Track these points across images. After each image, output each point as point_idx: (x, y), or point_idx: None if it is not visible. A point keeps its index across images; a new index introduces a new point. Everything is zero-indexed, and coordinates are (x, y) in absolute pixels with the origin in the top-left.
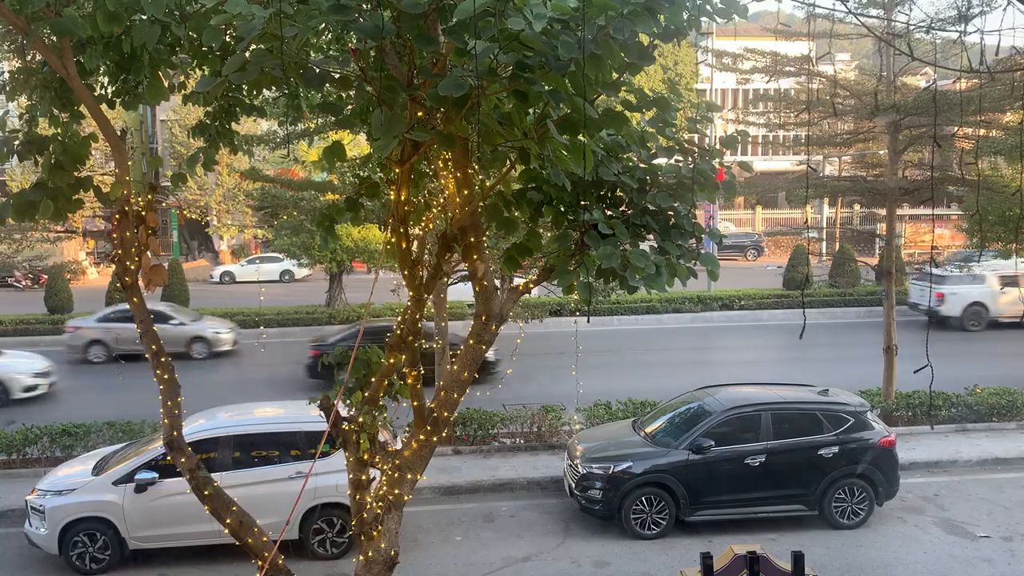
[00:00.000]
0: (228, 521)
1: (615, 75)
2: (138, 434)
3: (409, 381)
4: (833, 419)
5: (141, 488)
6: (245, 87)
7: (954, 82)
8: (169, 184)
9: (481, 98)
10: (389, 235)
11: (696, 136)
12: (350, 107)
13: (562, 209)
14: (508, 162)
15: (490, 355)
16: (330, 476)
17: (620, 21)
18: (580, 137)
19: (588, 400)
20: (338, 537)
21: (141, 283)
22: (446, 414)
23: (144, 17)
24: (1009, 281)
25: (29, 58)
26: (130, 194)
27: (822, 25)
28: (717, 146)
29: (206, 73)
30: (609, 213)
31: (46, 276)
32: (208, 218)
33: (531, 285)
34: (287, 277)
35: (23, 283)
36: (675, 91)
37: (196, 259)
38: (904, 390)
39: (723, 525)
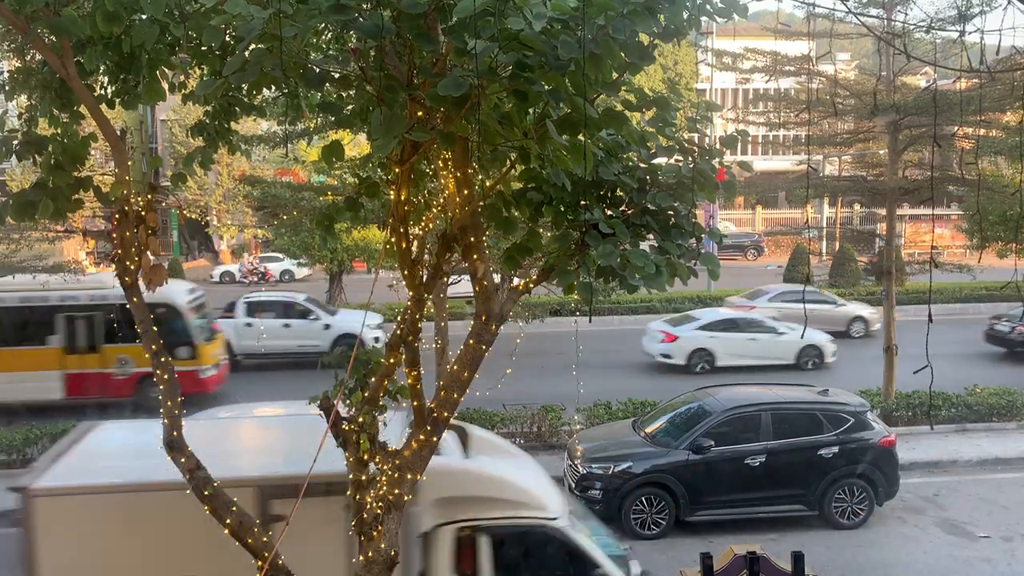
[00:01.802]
0: (228, 521)
1: (615, 75)
2: None
3: (409, 381)
4: (833, 419)
5: None
6: (245, 87)
7: (954, 82)
8: (169, 184)
9: (481, 98)
10: (389, 235)
11: (696, 136)
12: (350, 107)
13: (562, 209)
14: (508, 162)
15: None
16: None
17: (620, 21)
18: (580, 137)
19: (588, 400)
20: None
21: (141, 283)
22: (446, 414)
23: (144, 17)
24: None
25: (29, 58)
26: (130, 194)
27: (822, 25)
28: (717, 146)
29: (205, 73)
30: (609, 213)
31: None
32: (208, 218)
33: (531, 285)
34: (287, 277)
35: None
36: (675, 91)
37: (196, 259)
38: (904, 390)
39: (723, 525)
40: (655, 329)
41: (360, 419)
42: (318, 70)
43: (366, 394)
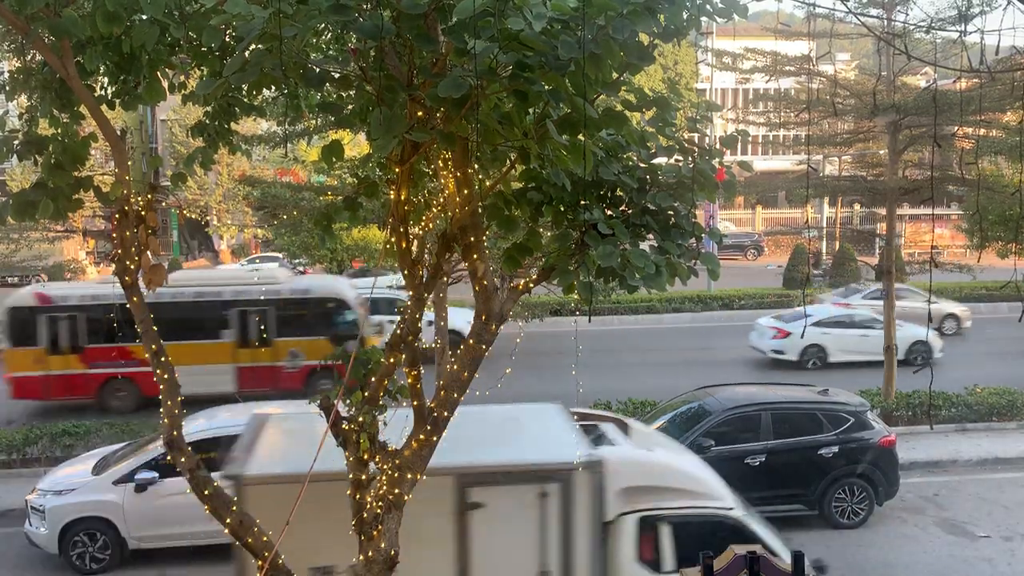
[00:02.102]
0: (228, 521)
1: (615, 75)
2: (138, 434)
3: (409, 381)
4: (833, 419)
5: (141, 488)
6: (245, 87)
7: (954, 82)
8: (169, 184)
9: (481, 98)
10: (389, 235)
11: (696, 136)
12: (350, 107)
13: (562, 209)
14: (508, 162)
15: None
16: None
17: (620, 21)
18: (580, 137)
19: (588, 400)
20: None
21: (141, 283)
22: (446, 414)
23: (144, 17)
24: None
25: (29, 58)
26: (130, 194)
27: (822, 25)
28: (717, 146)
29: (205, 73)
30: (609, 213)
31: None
32: (208, 218)
33: (531, 285)
34: None
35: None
36: (675, 91)
37: (196, 259)
38: (904, 390)
39: None
40: (766, 325)
41: (360, 419)
42: (318, 70)
43: (366, 394)
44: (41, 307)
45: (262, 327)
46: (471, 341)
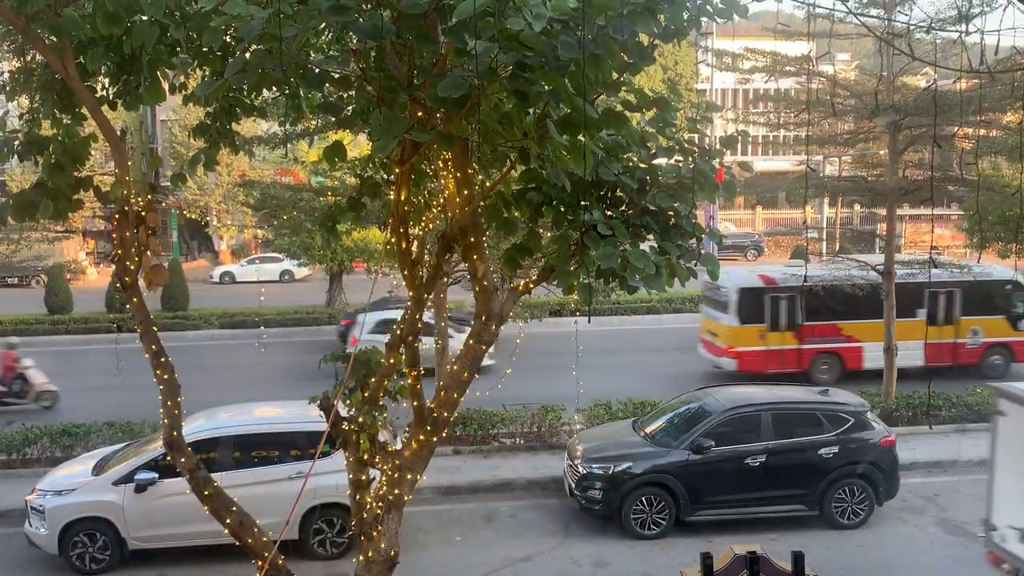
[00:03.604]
0: (228, 521)
1: (615, 75)
2: (138, 434)
3: (409, 381)
4: (833, 419)
5: (141, 488)
6: (245, 88)
7: (954, 82)
8: (169, 184)
9: (481, 98)
10: (389, 235)
11: (696, 136)
12: (350, 107)
13: (562, 209)
14: (508, 162)
15: None
16: (330, 476)
17: (620, 21)
18: (580, 137)
19: (588, 400)
20: (338, 537)
21: (141, 283)
22: (446, 414)
23: (144, 18)
24: None
25: (29, 58)
26: (130, 194)
27: (822, 25)
28: (717, 146)
29: (206, 73)
30: (609, 213)
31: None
32: (208, 218)
33: (531, 285)
34: (287, 277)
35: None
36: (675, 91)
37: (196, 259)
38: (904, 391)
39: (723, 525)
40: None
41: (360, 419)
42: (318, 70)
43: (366, 394)
44: (766, 288)
45: (948, 307)
46: (471, 341)
